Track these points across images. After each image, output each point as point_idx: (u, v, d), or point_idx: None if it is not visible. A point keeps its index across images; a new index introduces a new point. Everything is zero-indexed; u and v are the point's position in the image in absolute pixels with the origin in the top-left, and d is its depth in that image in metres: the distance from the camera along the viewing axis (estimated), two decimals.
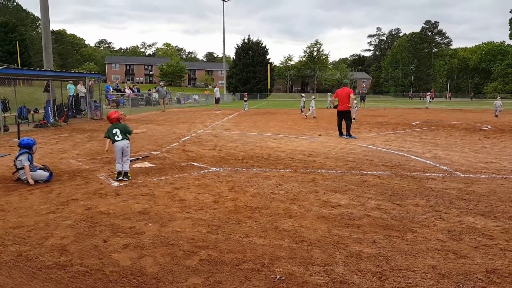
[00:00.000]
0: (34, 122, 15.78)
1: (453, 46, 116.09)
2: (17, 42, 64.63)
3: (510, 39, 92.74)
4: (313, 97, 24.42)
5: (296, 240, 3.85)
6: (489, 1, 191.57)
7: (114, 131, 6.45)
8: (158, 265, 3.29)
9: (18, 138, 7.56)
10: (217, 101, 30.32)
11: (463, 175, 6.87)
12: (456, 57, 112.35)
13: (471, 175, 6.87)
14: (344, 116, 12.55)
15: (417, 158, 8.55)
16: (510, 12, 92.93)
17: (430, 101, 36.61)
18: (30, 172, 6.12)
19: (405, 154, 9.07)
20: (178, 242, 3.78)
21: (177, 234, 3.99)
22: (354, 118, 20.25)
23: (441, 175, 6.90)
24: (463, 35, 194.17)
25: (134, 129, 6.77)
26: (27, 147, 6.33)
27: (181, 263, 3.34)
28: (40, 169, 6.36)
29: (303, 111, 24.89)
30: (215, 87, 34.32)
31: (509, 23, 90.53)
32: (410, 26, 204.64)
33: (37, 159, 7.37)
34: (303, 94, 28.20)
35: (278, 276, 3.10)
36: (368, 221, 4.43)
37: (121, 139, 6.41)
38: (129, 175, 6.54)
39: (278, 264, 3.33)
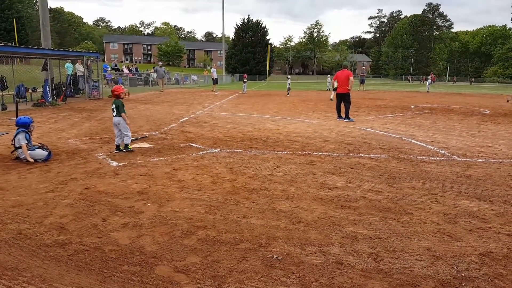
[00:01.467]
0: (32, 101, 15.68)
1: (454, 29, 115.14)
2: (14, 19, 63.42)
3: None
4: (329, 76, 24.50)
5: (293, 221, 3.90)
6: None
7: (112, 107, 6.89)
8: (157, 244, 3.33)
9: (17, 117, 7.52)
10: (215, 81, 29.68)
11: (460, 159, 6.90)
12: (457, 41, 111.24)
13: (468, 159, 6.91)
14: (343, 98, 12.51)
15: (415, 142, 8.57)
16: None
17: (430, 83, 35.94)
18: (29, 151, 6.13)
19: (403, 138, 9.09)
20: (177, 222, 3.82)
21: (175, 214, 4.03)
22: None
23: (438, 158, 6.94)
24: (465, 18, 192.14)
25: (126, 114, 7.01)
26: (24, 126, 6.31)
27: (180, 242, 3.38)
28: (39, 148, 6.36)
29: (288, 93, 25.89)
30: (211, 67, 33.36)
31: (511, 7, 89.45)
32: (411, 8, 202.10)
33: (35, 138, 7.37)
34: (289, 76, 28.82)
35: (275, 256, 3.15)
36: (365, 203, 4.47)
37: (115, 115, 6.85)
38: (129, 147, 6.92)
39: (275, 244, 3.38)
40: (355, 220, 3.95)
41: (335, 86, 12.86)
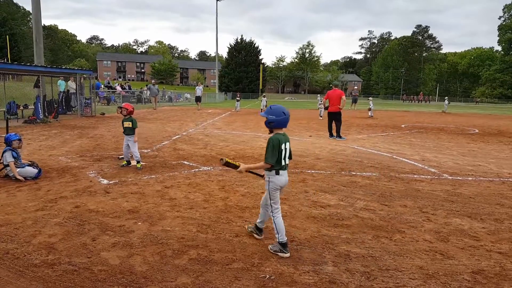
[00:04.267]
0: (24, 118, 15.59)
1: (443, 51, 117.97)
2: (7, 36, 63.70)
3: (499, 45, 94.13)
4: (370, 98, 26.57)
5: None
6: (476, 9, 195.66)
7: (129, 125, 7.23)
8: (147, 264, 3.28)
9: (7, 134, 7.45)
10: (197, 99, 29.06)
11: (450, 178, 6.96)
12: (446, 62, 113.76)
13: (458, 178, 6.97)
14: (335, 117, 12.64)
15: (406, 160, 8.64)
16: (498, 18, 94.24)
17: (448, 104, 36.03)
18: (18, 169, 6.05)
19: (394, 156, 9.16)
20: (168, 241, 3.77)
21: (166, 233, 3.98)
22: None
23: (429, 177, 6.99)
24: (453, 40, 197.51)
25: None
26: (7, 143, 6.25)
27: (171, 262, 3.33)
28: (29, 165, 6.29)
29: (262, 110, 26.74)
30: (196, 85, 32.51)
31: (497, 30, 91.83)
32: (401, 30, 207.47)
33: (25, 156, 7.29)
34: (264, 95, 30.01)
35: (268, 276, 3.12)
36: (357, 222, 4.47)
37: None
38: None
39: (267, 263, 3.35)
40: (348, 239, 3.94)
41: (327, 105, 12.99)
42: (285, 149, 3.53)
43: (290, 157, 3.64)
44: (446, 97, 40.73)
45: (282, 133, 3.61)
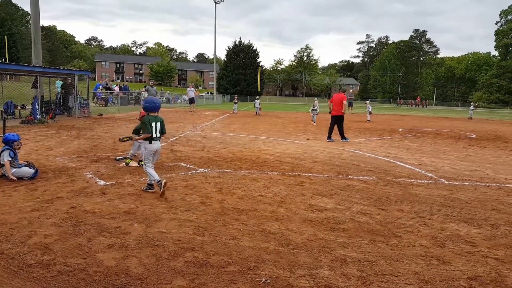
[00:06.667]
0: (21, 118, 15.53)
1: (440, 55, 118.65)
2: (5, 36, 63.61)
3: (495, 50, 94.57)
4: (367, 102, 27.40)
5: (282, 243, 3.87)
6: (473, 13, 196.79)
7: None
8: (143, 266, 3.26)
9: (4, 134, 7.42)
10: (191, 101, 28.60)
11: (447, 182, 6.98)
12: (443, 66, 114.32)
13: (455, 183, 6.98)
14: (338, 121, 12.74)
15: (403, 164, 8.66)
16: (495, 24, 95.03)
17: (473, 109, 35.58)
18: (15, 169, 6.03)
19: (391, 160, 9.17)
20: (164, 243, 3.76)
21: (162, 235, 3.97)
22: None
23: (426, 181, 7.00)
24: (450, 45, 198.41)
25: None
26: (9, 143, 6.22)
27: (166, 264, 3.32)
28: (25, 166, 6.26)
29: (258, 113, 27.44)
30: (188, 87, 31.49)
31: (494, 35, 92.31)
32: (399, 34, 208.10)
33: (22, 156, 7.26)
34: (257, 97, 30.31)
35: (264, 279, 3.11)
36: (354, 226, 4.47)
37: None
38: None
39: (263, 267, 3.34)
40: (344, 243, 3.94)
41: (331, 109, 13.06)
42: (156, 126, 5.32)
43: (163, 132, 5.47)
44: (472, 103, 40.14)
45: (154, 115, 5.40)
